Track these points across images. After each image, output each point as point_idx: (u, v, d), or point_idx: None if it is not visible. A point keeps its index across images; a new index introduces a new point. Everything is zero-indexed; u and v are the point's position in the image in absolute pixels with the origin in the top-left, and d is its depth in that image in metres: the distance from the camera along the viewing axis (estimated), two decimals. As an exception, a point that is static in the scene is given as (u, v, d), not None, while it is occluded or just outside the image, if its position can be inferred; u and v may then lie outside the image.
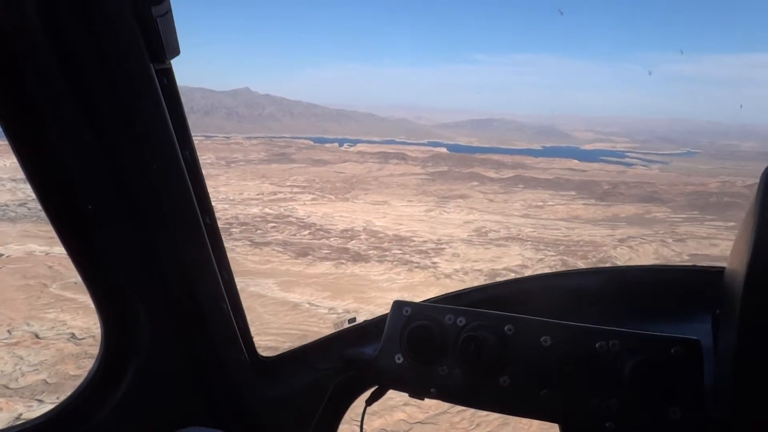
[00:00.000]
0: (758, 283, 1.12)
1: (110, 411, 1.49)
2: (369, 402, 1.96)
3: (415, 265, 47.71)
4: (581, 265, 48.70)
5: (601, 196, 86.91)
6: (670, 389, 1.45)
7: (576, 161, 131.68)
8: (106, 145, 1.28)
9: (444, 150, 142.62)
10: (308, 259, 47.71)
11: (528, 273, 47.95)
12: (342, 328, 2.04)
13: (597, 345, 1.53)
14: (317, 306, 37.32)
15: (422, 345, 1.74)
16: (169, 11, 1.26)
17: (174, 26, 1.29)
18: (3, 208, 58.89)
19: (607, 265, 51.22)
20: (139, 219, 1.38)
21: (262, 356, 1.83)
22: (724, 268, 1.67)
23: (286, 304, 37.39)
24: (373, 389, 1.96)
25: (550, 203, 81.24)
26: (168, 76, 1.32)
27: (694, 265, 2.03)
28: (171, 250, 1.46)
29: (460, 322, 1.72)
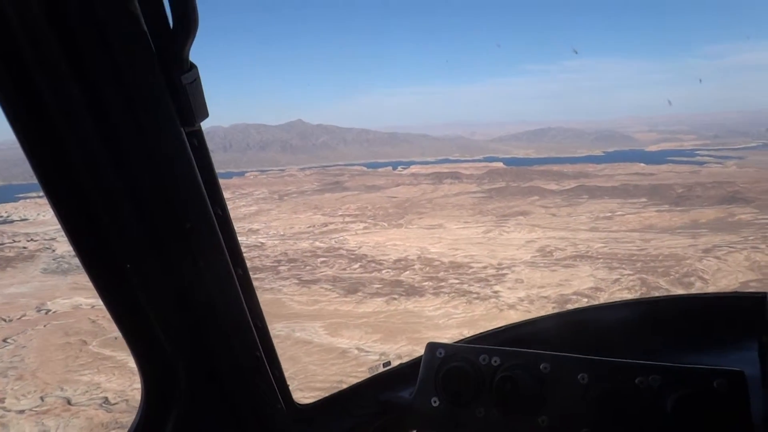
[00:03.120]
0: None
1: None
2: None
3: (475, 295, 43.75)
4: (663, 284, 43.50)
5: (675, 200, 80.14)
6: (716, 424, 1.41)
7: (642, 165, 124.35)
8: (141, 204, 1.38)
9: (500, 164, 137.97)
10: (358, 296, 44.62)
11: (603, 297, 43.27)
12: (377, 372, 2.04)
13: (637, 380, 1.51)
14: (367, 351, 34.08)
15: (458, 387, 1.75)
16: (197, 78, 1.37)
17: (202, 92, 1.40)
18: (59, 259, 59.44)
19: (693, 280, 46.08)
20: (175, 274, 1.47)
21: (298, 404, 1.87)
22: (766, 293, 1.63)
23: (333, 350, 34.35)
24: None
25: (619, 213, 75.34)
26: (198, 137, 1.43)
27: (735, 292, 2.02)
28: (205, 304, 1.54)
29: (495, 362, 1.72)
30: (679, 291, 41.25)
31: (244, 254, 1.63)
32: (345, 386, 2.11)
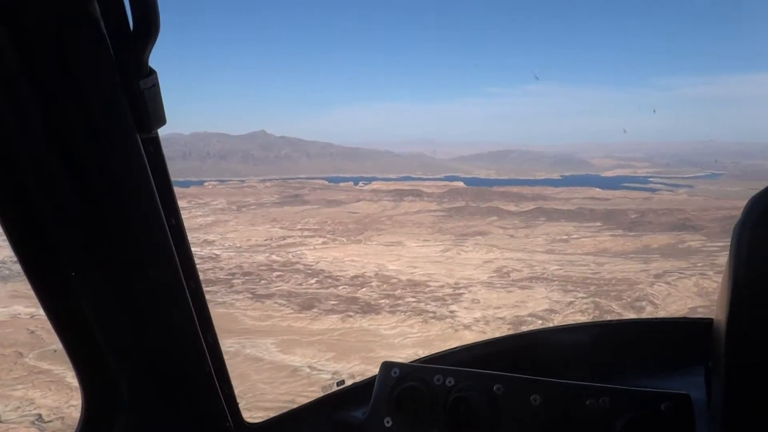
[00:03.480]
0: (740, 336, 1.15)
1: None
2: None
3: (431, 315, 43.34)
4: (615, 307, 44.10)
5: (628, 225, 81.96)
6: None
7: (598, 189, 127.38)
8: (91, 213, 1.33)
9: (461, 184, 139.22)
10: (313, 313, 43.64)
11: (557, 319, 43.55)
12: (331, 391, 2.01)
13: (587, 402, 1.55)
14: (319, 370, 33.15)
15: (412, 407, 1.74)
16: (156, 84, 1.34)
17: (161, 98, 1.36)
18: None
19: (644, 305, 46.89)
20: (123, 284, 1.43)
21: (248, 422, 1.80)
22: (712, 319, 1.66)
23: (284, 368, 33.26)
24: None
25: (575, 236, 76.57)
26: (154, 144, 1.39)
27: (684, 317, 2.09)
28: (153, 317, 1.50)
29: (449, 382, 1.72)
30: (631, 315, 41.89)
31: (198, 266, 1.57)
32: (295, 405, 2.00)
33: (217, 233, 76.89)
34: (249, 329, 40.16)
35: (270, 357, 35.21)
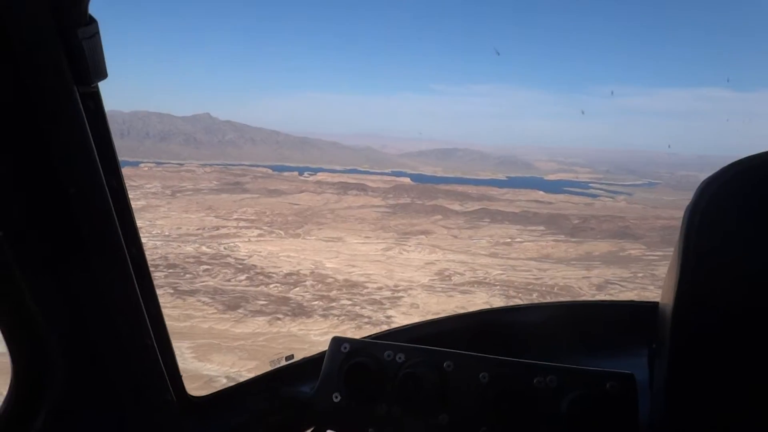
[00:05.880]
0: (685, 319, 1.17)
1: None
2: None
3: (366, 320, 40.90)
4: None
5: (571, 231, 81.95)
6: (606, 424, 1.50)
7: (541, 192, 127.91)
8: (21, 171, 1.26)
9: (407, 180, 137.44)
10: (238, 314, 40.40)
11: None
12: (279, 366, 1.99)
13: (535, 381, 1.58)
14: (237, 382, 30.07)
15: (361, 382, 1.73)
16: (97, 34, 1.27)
17: (102, 49, 1.30)
18: None
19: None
20: (57, 250, 1.36)
21: (191, 396, 1.76)
22: (657, 303, 1.68)
23: (197, 378, 29.96)
24: (310, 430, 1.91)
25: (518, 239, 75.78)
26: (95, 99, 1.33)
27: (631, 301, 2.16)
28: (91, 283, 1.44)
29: (400, 358, 1.73)
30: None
31: None
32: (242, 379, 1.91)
33: (146, 219, 71.97)
34: (164, 330, 36.56)
35: (183, 364, 31.12)
